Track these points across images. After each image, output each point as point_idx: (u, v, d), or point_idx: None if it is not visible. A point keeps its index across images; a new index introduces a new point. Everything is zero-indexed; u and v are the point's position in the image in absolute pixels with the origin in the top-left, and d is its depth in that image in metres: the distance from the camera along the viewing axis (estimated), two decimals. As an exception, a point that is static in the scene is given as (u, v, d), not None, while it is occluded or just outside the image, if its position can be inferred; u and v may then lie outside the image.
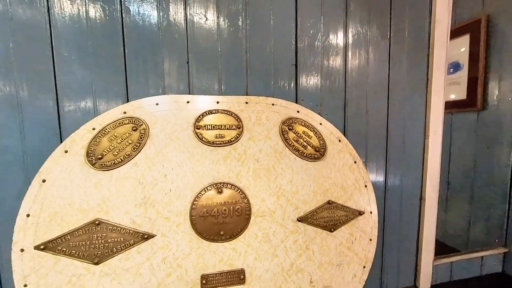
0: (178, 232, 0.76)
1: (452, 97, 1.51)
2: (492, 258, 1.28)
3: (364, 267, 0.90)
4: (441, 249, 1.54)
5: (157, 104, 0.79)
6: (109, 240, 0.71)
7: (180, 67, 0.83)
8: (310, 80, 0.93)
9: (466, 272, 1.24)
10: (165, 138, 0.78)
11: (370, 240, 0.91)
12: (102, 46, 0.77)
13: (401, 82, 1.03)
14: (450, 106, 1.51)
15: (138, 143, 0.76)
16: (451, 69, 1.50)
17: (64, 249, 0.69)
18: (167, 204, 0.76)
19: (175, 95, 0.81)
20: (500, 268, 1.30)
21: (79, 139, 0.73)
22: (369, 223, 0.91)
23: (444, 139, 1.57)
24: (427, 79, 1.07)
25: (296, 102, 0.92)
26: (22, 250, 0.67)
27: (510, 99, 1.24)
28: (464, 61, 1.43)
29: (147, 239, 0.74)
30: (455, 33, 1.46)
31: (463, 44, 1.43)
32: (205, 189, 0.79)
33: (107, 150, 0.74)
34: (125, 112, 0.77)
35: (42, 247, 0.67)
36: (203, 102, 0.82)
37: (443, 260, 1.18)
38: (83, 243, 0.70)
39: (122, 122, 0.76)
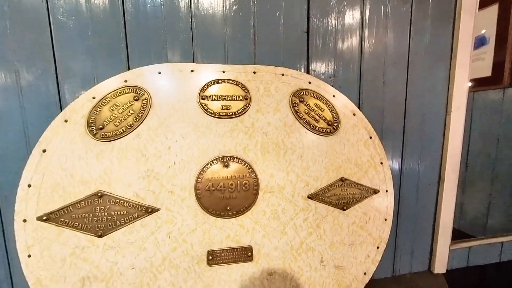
0: (183, 207, 0.73)
1: (474, 74, 1.40)
2: (512, 244, 1.21)
3: (378, 247, 0.85)
4: (456, 236, 1.48)
5: (159, 72, 0.74)
6: (112, 213, 0.69)
7: (183, 33, 0.77)
8: (323, 49, 0.86)
9: (484, 258, 1.18)
10: (168, 109, 0.74)
11: (385, 220, 0.86)
12: (100, 10, 0.72)
13: (423, 53, 0.95)
14: (472, 85, 1.41)
15: (140, 113, 0.72)
16: (476, 44, 1.38)
17: (67, 220, 0.67)
18: (171, 178, 0.73)
19: (178, 63, 0.76)
20: (521, 254, 1.23)
21: (79, 108, 0.69)
22: (384, 202, 0.86)
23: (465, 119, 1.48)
24: (452, 50, 0.98)
25: (308, 73, 0.86)
26: (24, 221, 0.65)
27: (543, 72, 1.13)
28: (491, 34, 1.31)
29: (151, 213, 0.71)
30: (482, 3, 1.33)
31: (490, 16, 1.31)
32: (211, 162, 0.75)
33: (108, 120, 0.70)
34: (126, 81, 0.72)
35: (44, 218, 0.65)
36: (208, 71, 0.77)
37: (460, 245, 1.12)
38: (86, 215, 0.68)
39: (123, 91, 0.72)
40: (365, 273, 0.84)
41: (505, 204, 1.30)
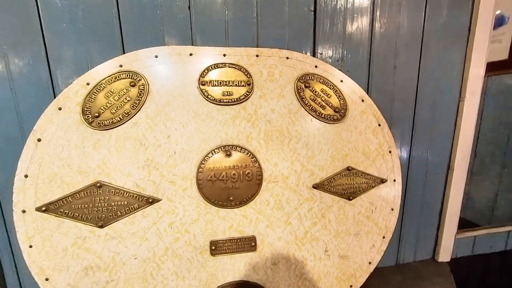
0: (184, 197, 0.71)
1: (491, 57, 1.32)
2: (519, 233, 1.20)
3: (383, 237, 0.83)
4: (462, 224, 1.47)
5: (156, 56, 0.70)
6: (113, 204, 0.67)
7: (181, 13, 0.72)
8: (331, 30, 0.80)
9: (489, 246, 1.17)
10: (166, 95, 0.70)
11: (392, 209, 0.84)
12: (90, -14, 0.66)
13: (438, 33, 0.88)
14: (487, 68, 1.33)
15: (138, 100, 0.68)
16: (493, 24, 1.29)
17: (67, 211, 0.65)
18: (172, 167, 0.70)
19: (176, 46, 0.71)
20: (527, 243, 1.22)
21: (73, 95, 0.66)
22: (391, 192, 0.83)
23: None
24: (469, 31, 0.91)
25: (314, 56, 0.80)
26: (23, 212, 0.64)
27: None
28: (511, 13, 1.22)
29: (152, 203, 0.69)
30: (502, -21, 1.23)
31: (511, -8, 1.21)
32: (212, 151, 0.72)
33: (104, 107, 0.67)
34: (121, 66, 0.68)
35: (43, 208, 0.64)
36: (208, 54, 0.72)
37: (466, 234, 1.11)
38: (86, 205, 0.66)
39: (118, 77, 0.68)
40: (370, 263, 0.83)
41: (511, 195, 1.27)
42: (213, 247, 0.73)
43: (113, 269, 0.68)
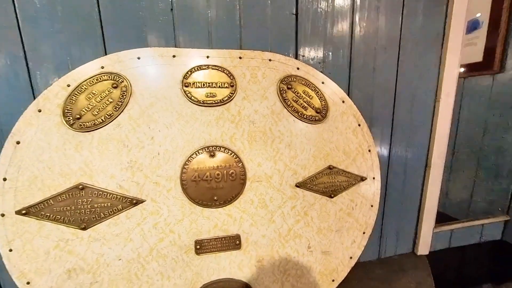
0: (169, 198, 0.72)
1: (466, 59, 1.39)
2: (492, 226, 1.27)
3: (364, 233, 0.87)
4: (441, 218, 1.54)
5: (138, 58, 0.70)
6: (96, 205, 0.67)
7: (164, 15, 0.72)
8: (313, 33, 0.83)
9: (465, 239, 1.24)
10: (150, 97, 0.70)
11: (372, 206, 0.87)
12: (70, -13, 0.66)
13: (415, 37, 0.92)
14: (463, 70, 1.40)
15: (120, 102, 0.68)
16: (469, 28, 1.36)
17: (48, 214, 0.65)
18: (156, 168, 0.71)
19: (158, 48, 0.72)
20: (500, 235, 1.29)
21: (53, 97, 0.65)
22: (371, 189, 0.87)
23: (453, 105, 1.49)
24: (444, 34, 0.95)
25: (296, 58, 0.83)
26: (2, 215, 0.63)
27: (532, 58, 1.12)
28: (485, 18, 1.29)
29: (136, 204, 0.70)
30: (477, -15, 1.30)
31: (484, -2, 1.28)
32: (196, 152, 0.73)
33: (85, 109, 0.66)
34: (102, 67, 0.68)
35: (23, 212, 0.63)
36: (191, 56, 0.73)
37: (443, 228, 1.17)
38: (68, 208, 0.66)
39: (100, 78, 0.68)
40: (351, 257, 0.86)
41: (487, 189, 1.34)
42: (198, 246, 0.74)
43: (97, 270, 0.68)
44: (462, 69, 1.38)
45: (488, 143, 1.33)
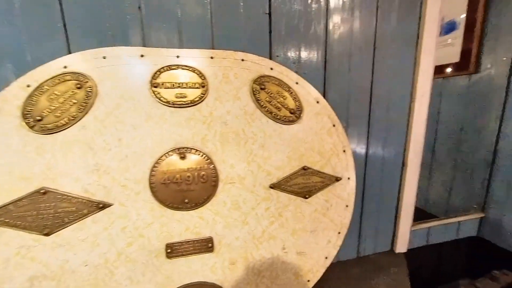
0: (137, 201, 0.70)
1: (444, 60, 1.42)
2: (468, 222, 1.30)
3: (339, 233, 0.87)
4: (421, 216, 1.57)
5: (104, 57, 0.68)
6: (59, 210, 0.65)
7: (131, 13, 0.70)
8: (287, 33, 0.82)
9: (443, 236, 1.27)
10: (116, 98, 0.68)
11: (347, 206, 0.88)
12: (28, -17, 0.63)
13: (390, 37, 0.93)
14: (442, 71, 1.43)
15: (85, 103, 0.66)
16: (446, 29, 1.38)
17: (7, 220, 0.62)
18: (124, 171, 0.69)
19: (126, 47, 0.69)
20: (475, 232, 1.33)
21: (11, 98, 0.62)
22: (346, 189, 0.87)
23: (433, 106, 1.52)
24: (418, 35, 0.97)
25: (270, 58, 0.82)
26: (-43, 222, 0.60)
27: (504, 59, 1.15)
28: (462, 19, 1.31)
29: (103, 208, 0.68)
30: (454, -13, 1.32)
31: (461, 0, 1.30)
32: (166, 154, 0.71)
33: (47, 110, 0.64)
34: (65, 67, 0.65)
35: (-20, 218, 0.61)
36: (160, 56, 0.71)
37: (421, 226, 1.19)
38: (29, 213, 0.63)
39: (63, 78, 0.65)
40: (326, 257, 0.87)
41: (464, 187, 1.38)
42: (169, 250, 0.73)
43: (61, 277, 0.66)
44: (449, 70, 1.41)
45: (464, 142, 1.36)
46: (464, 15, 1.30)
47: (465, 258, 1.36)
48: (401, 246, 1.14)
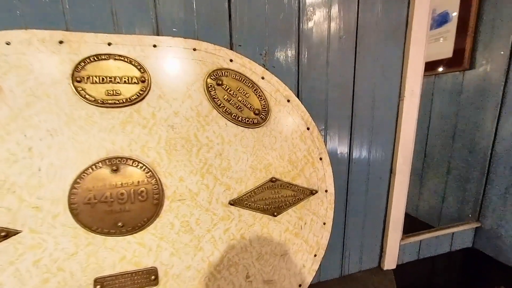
0: (55, 226, 0.55)
1: (436, 56, 1.30)
2: (463, 233, 1.19)
3: (315, 255, 0.74)
4: (412, 224, 1.46)
5: (8, 43, 0.53)
6: None
7: (46, -13, 0.55)
8: (251, 17, 0.68)
9: (435, 249, 1.15)
10: (25, 95, 0.53)
11: (324, 224, 0.75)
12: None
13: (374, 26, 0.80)
14: (433, 67, 1.31)
15: (-20, 101, 0.51)
16: (438, 22, 1.27)
17: None
18: (36, 189, 0.54)
19: (39, 30, 0.54)
20: (471, 243, 1.22)
21: None
22: (323, 204, 0.74)
23: (423, 106, 1.40)
24: (407, 24, 0.84)
25: (231, 48, 0.68)
26: None
27: (502, 53, 1.04)
28: (454, 10, 1.20)
29: (6, 237, 0.53)
30: (446, -25, 1.21)
31: (454, -11, 1.19)
32: (93, 166, 0.57)
33: None
34: (-48, 54, 0.50)
35: None
36: (86, 42, 0.57)
37: (411, 239, 1.07)
38: None
39: None
40: (300, 285, 0.73)
41: (457, 195, 1.27)
42: (99, 286, 0.58)
43: None
44: (441, 67, 1.29)
45: (458, 145, 1.25)
46: (457, 7, 1.19)
47: (460, 273, 1.25)
48: (390, 262, 1.02)
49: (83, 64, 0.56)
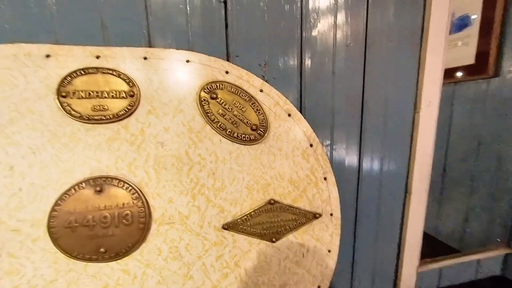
0: (35, 251, 0.52)
1: (453, 62, 1.20)
2: (490, 260, 1.06)
3: (319, 286, 0.66)
4: (431, 245, 1.33)
5: (-8, 57, 0.51)
6: None
7: None
8: (249, 26, 0.64)
9: (458, 277, 1.03)
10: (9, 111, 0.51)
11: (329, 251, 0.67)
12: None
13: (385, 32, 0.73)
14: (453, 75, 1.21)
15: (-38, 118, 0.49)
16: (458, 26, 1.18)
17: None
18: (16, 210, 0.51)
19: (24, 44, 0.52)
20: (499, 271, 1.08)
21: None
22: (328, 229, 0.67)
23: (442, 118, 1.29)
24: (422, 29, 0.77)
25: (228, 59, 0.64)
26: None
27: (534, 59, 0.93)
28: (476, 13, 1.10)
29: (-17, 261, 0.50)
30: (466, -24, 1.12)
31: (476, -10, 1.10)
32: (76, 186, 0.53)
33: None
34: None
35: None
36: (74, 56, 0.54)
37: (430, 266, 0.96)
38: None
39: None
40: (301, 321, 0.66)
41: (483, 216, 1.14)
42: (79, 317, 0.53)
43: None
44: (460, 73, 1.19)
45: (483, 159, 1.13)
46: (479, 10, 1.09)
47: (488, 304, 1.11)
48: (406, 291, 0.92)
49: (70, 78, 0.53)
